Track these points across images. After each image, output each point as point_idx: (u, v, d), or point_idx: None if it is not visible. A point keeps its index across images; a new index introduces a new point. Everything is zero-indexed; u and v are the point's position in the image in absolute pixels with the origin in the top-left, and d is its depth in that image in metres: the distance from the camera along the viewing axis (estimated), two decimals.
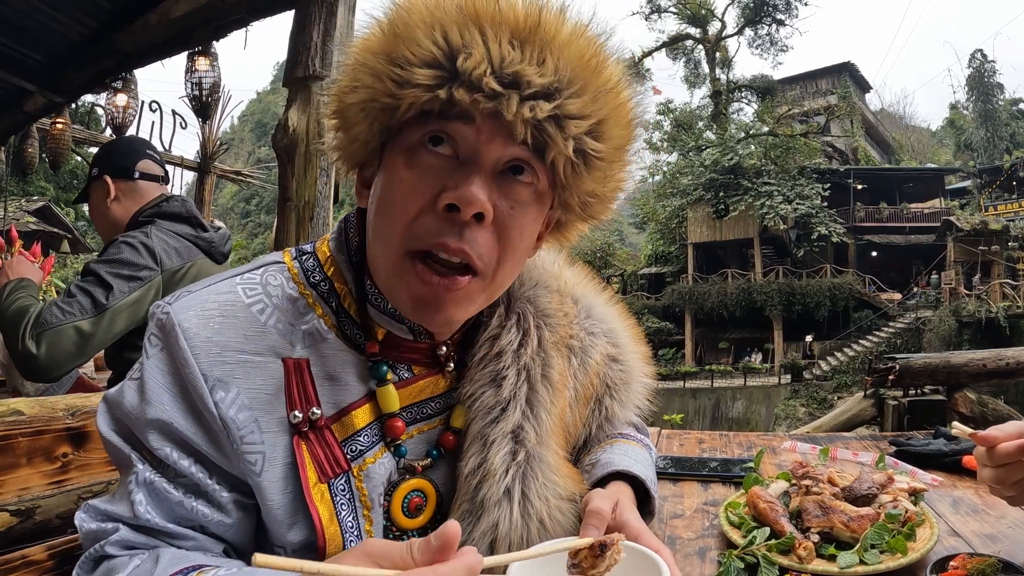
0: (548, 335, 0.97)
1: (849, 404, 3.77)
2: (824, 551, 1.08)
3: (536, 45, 0.76)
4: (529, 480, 0.89)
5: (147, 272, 2.11)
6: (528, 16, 0.75)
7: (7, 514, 1.30)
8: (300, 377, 0.84)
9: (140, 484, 0.80)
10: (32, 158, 6.91)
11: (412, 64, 0.75)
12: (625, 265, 36.32)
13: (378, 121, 0.81)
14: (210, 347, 0.81)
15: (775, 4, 35.16)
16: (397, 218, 0.79)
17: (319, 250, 0.94)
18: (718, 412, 27.06)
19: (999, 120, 37.25)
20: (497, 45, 0.74)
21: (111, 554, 0.79)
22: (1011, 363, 3.32)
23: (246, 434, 0.81)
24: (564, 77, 0.77)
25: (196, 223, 2.37)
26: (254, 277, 0.89)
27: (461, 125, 0.77)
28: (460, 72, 0.74)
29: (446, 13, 0.75)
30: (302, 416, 0.83)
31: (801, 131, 31.95)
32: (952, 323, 24.65)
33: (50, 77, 5.25)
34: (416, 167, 0.79)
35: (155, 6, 4.04)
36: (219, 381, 0.81)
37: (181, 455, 0.81)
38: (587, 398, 1.05)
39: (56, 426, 1.41)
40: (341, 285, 0.91)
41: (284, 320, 0.86)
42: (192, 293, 0.86)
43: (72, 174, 23.77)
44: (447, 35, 0.74)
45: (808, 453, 1.80)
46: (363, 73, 0.79)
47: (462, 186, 0.76)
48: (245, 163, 49.13)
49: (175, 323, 0.82)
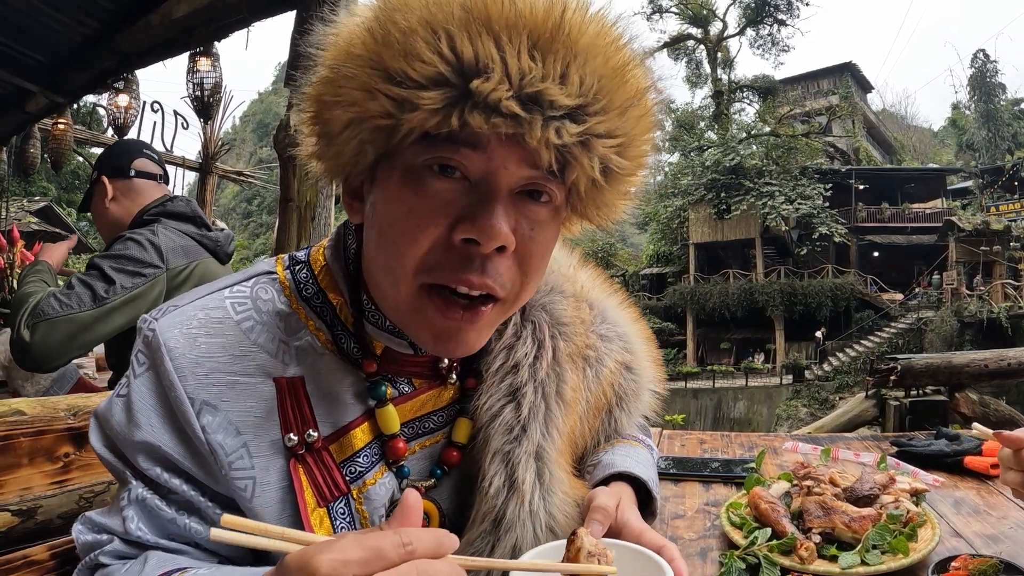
0: (563, 346, 0.93)
1: (851, 404, 3.77)
2: (825, 552, 1.07)
3: (559, 54, 0.65)
4: (550, 498, 0.87)
5: (152, 269, 2.10)
6: (549, 17, 0.65)
7: (8, 514, 1.30)
8: (295, 397, 0.81)
9: (132, 501, 0.79)
10: (34, 158, 6.93)
11: (415, 83, 0.65)
12: (627, 265, 36.30)
13: (372, 144, 0.71)
14: (196, 368, 0.78)
15: (776, 4, 35.17)
16: (406, 252, 0.71)
17: (313, 259, 0.89)
18: (720, 412, 27.05)
19: (1001, 120, 37.23)
20: (515, 57, 0.64)
21: (104, 563, 0.79)
22: (1013, 364, 3.32)
23: (234, 460, 0.78)
24: (590, 92, 0.67)
25: (200, 223, 2.37)
26: (244, 290, 0.85)
27: (471, 152, 0.69)
28: (473, 93, 0.64)
29: (450, 14, 0.64)
30: (297, 439, 0.79)
31: (803, 131, 31.95)
32: (954, 323, 24.64)
33: (52, 77, 5.26)
34: (423, 195, 0.70)
35: (157, 7, 4.05)
36: (206, 404, 0.77)
37: (171, 475, 0.79)
38: (599, 409, 1.01)
39: (57, 426, 1.41)
40: (336, 297, 0.86)
41: (276, 337, 0.82)
42: (179, 308, 0.82)
43: (74, 174, 23.82)
44: (454, 44, 0.64)
45: (810, 454, 1.79)
46: (349, 86, 0.69)
47: (481, 218, 0.68)
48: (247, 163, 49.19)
49: (160, 342, 0.78)
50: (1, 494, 1.31)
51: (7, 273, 3.71)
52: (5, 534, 1.29)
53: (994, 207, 29.53)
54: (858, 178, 31.53)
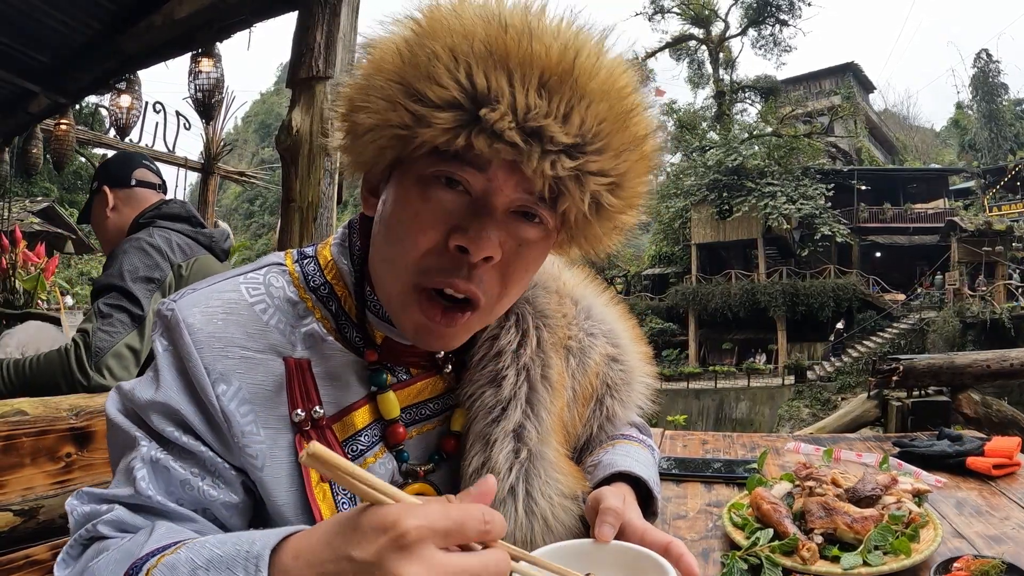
0: (547, 335, 0.98)
1: (853, 405, 3.76)
2: (827, 552, 1.07)
3: (564, 95, 0.73)
4: (532, 478, 0.90)
5: (159, 272, 2.11)
6: (561, 60, 0.73)
7: (11, 514, 1.31)
8: (302, 377, 0.86)
9: (145, 461, 0.79)
10: (36, 159, 6.93)
11: (432, 103, 0.72)
12: (629, 266, 36.29)
13: (390, 149, 0.79)
14: (213, 342, 0.83)
15: (778, 4, 35.14)
16: (407, 250, 0.79)
17: (320, 254, 0.96)
18: (722, 413, 27.03)
19: (1003, 120, 37.14)
20: (524, 93, 0.71)
21: (104, 534, 0.76)
22: (1015, 364, 3.32)
23: (247, 429, 0.82)
24: (588, 132, 0.75)
25: (195, 222, 2.38)
26: (257, 277, 0.91)
27: (474, 171, 0.76)
28: (482, 119, 0.71)
29: (473, 49, 0.72)
30: (304, 414, 0.84)
31: (805, 131, 31.93)
32: (956, 324, 24.60)
33: (54, 78, 5.26)
34: (429, 201, 0.78)
35: (159, 7, 4.04)
36: (221, 375, 0.82)
37: (188, 437, 0.81)
38: (586, 398, 1.05)
39: (60, 426, 1.42)
40: (342, 289, 0.92)
41: (285, 321, 0.88)
42: (196, 291, 0.88)
43: (76, 175, 23.88)
44: (471, 74, 0.71)
45: (812, 454, 1.79)
46: (375, 95, 0.77)
47: (473, 230, 0.75)
48: (249, 164, 49.19)
49: (180, 319, 0.83)
50: (3, 494, 1.31)
51: (9, 273, 3.72)
52: (7, 534, 1.29)
53: (996, 207, 29.49)
54: (860, 178, 31.51)
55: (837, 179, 30.17)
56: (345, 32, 3.05)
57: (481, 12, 0.74)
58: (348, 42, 3.07)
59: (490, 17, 0.73)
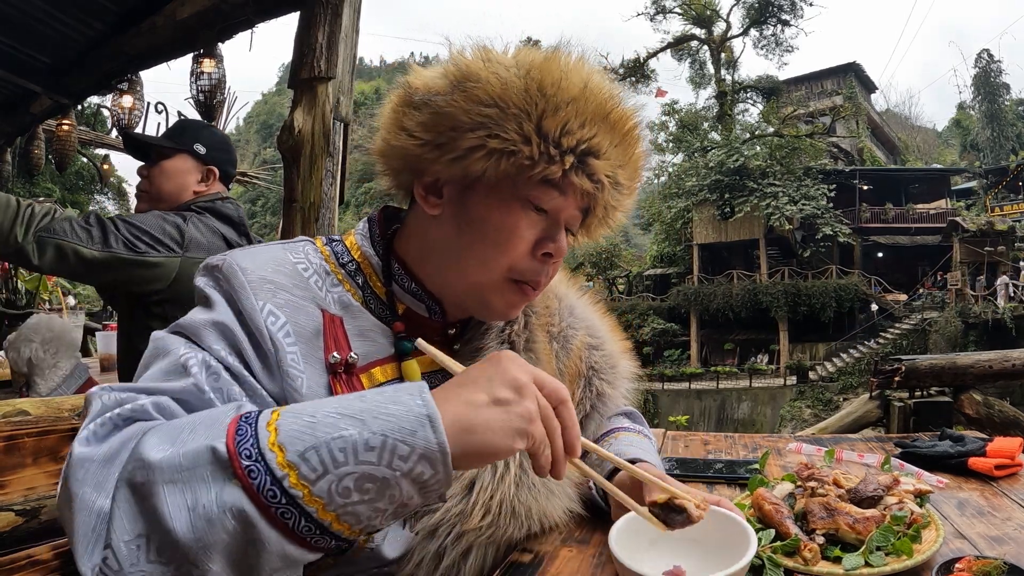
0: (533, 319, 1.15)
1: (855, 406, 3.76)
2: (829, 553, 1.07)
3: (629, 148, 1.00)
4: None
5: (164, 250, 2.09)
6: (628, 120, 0.98)
7: (12, 514, 1.31)
8: (335, 329, 0.97)
9: (199, 363, 0.83)
10: (38, 159, 6.94)
11: (559, 147, 0.92)
12: (630, 266, 36.30)
13: (493, 168, 0.93)
14: (264, 284, 0.93)
15: (780, 4, 35.07)
16: (506, 253, 0.98)
17: (346, 239, 1.09)
18: (723, 413, 27.02)
19: (1005, 120, 37.14)
20: (614, 148, 0.96)
21: (152, 415, 0.74)
22: (1017, 364, 3.32)
23: (291, 357, 0.90)
24: (635, 173, 1.03)
25: (243, 231, 2.37)
26: (297, 246, 1.03)
27: (558, 195, 0.97)
28: (587, 166, 0.94)
29: (588, 105, 0.93)
30: (340, 357, 0.94)
31: (806, 132, 31.86)
32: (958, 324, 24.57)
33: (56, 79, 5.27)
34: (529, 217, 0.97)
35: (160, 8, 4.05)
36: (271, 310, 0.91)
37: (236, 360, 0.87)
38: (572, 376, 1.20)
39: (62, 426, 1.42)
40: (368, 268, 1.05)
41: (322, 283, 1.00)
42: (245, 251, 0.98)
43: (78, 175, 23.86)
44: (584, 125, 0.92)
45: (813, 455, 1.79)
46: (504, 120, 0.91)
47: (557, 241, 0.99)
48: (251, 164, 49.19)
49: (233, 263, 0.93)
50: (5, 494, 1.31)
51: (11, 274, 3.72)
52: (9, 534, 1.30)
53: (998, 207, 29.48)
54: (862, 179, 31.47)
55: (839, 179, 30.13)
56: (347, 32, 3.04)
57: (584, 71, 0.95)
58: (350, 42, 3.07)
59: (592, 74, 0.95)
